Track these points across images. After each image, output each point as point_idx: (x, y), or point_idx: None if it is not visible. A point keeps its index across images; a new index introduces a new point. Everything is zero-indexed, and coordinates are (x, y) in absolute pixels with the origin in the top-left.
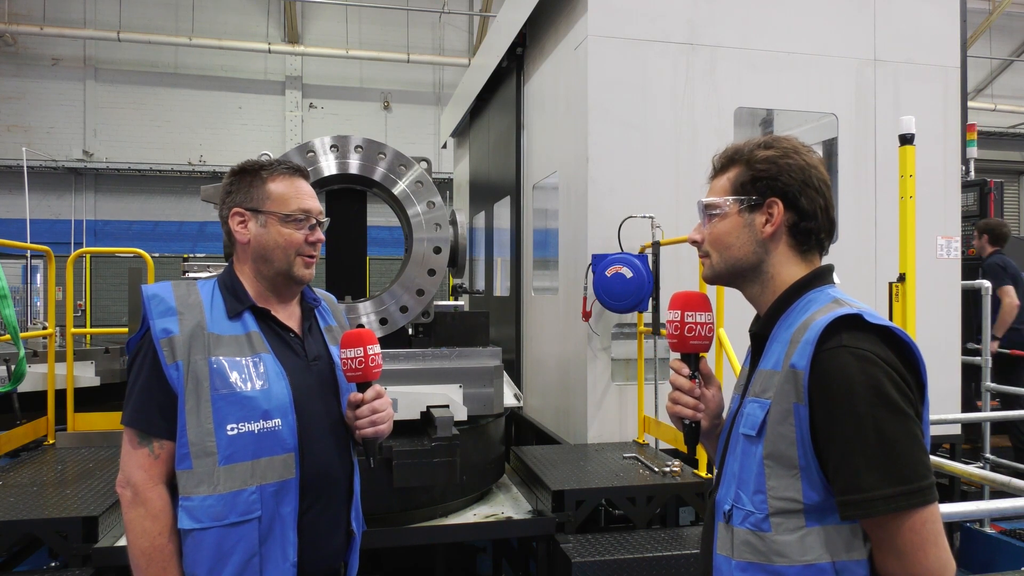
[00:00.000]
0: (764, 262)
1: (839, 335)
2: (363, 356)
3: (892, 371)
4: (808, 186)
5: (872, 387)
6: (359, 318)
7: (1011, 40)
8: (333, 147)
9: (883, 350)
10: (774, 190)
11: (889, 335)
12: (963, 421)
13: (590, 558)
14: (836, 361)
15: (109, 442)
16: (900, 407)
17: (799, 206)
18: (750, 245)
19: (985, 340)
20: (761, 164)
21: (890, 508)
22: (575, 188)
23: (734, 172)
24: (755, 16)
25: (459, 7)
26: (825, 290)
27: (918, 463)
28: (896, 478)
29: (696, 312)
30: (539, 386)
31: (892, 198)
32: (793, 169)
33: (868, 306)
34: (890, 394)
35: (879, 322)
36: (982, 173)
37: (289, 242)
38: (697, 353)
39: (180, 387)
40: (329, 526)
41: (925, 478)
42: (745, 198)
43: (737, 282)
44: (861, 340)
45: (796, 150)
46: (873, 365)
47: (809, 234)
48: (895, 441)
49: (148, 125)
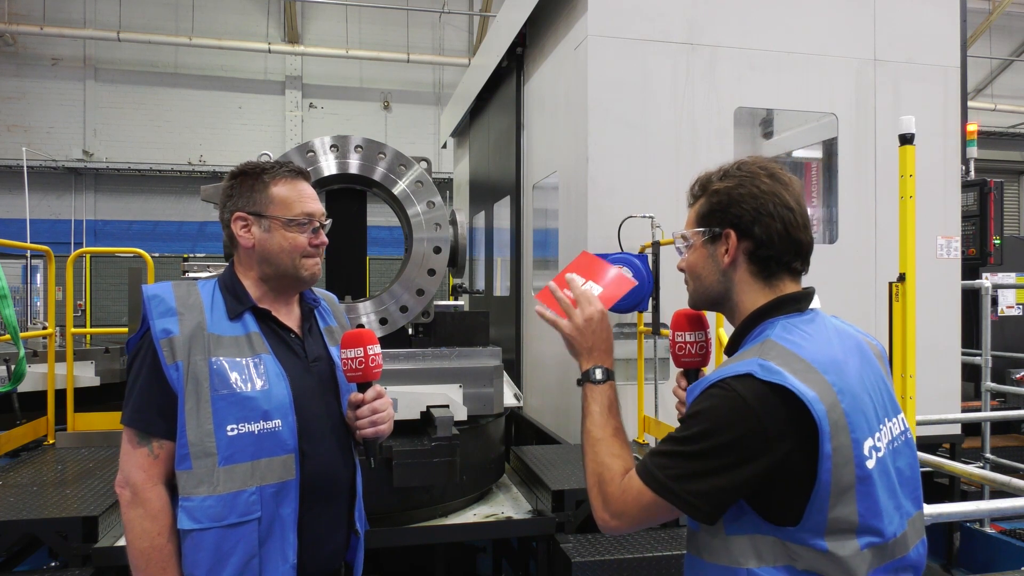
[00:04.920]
0: (730, 290)
1: (725, 379)
2: (363, 356)
3: (754, 417)
4: (762, 214)
5: (712, 418)
6: (359, 318)
7: (1011, 40)
8: (333, 147)
9: (762, 399)
10: (727, 221)
11: (781, 392)
12: (963, 421)
13: (590, 558)
14: (710, 390)
15: (109, 442)
16: (723, 447)
17: (753, 234)
18: (715, 275)
19: (985, 340)
20: (714, 197)
21: (645, 478)
22: (575, 188)
23: (700, 203)
24: (755, 16)
25: (459, 7)
26: (776, 322)
27: (686, 478)
28: (670, 475)
29: (685, 332)
30: (539, 386)
31: (892, 198)
32: (744, 199)
33: (815, 345)
34: (724, 434)
35: (770, 379)
36: (982, 173)
37: (293, 246)
38: (694, 368)
39: (180, 387)
40: (330, 527)
41: (681, 486)
42: (706, 229)
43: (714, 308)
44: (743, 385)
45: (753, 177)
46: (731, 406)
47: (769, 260)
48: (691, 459)
49: (148, 125)
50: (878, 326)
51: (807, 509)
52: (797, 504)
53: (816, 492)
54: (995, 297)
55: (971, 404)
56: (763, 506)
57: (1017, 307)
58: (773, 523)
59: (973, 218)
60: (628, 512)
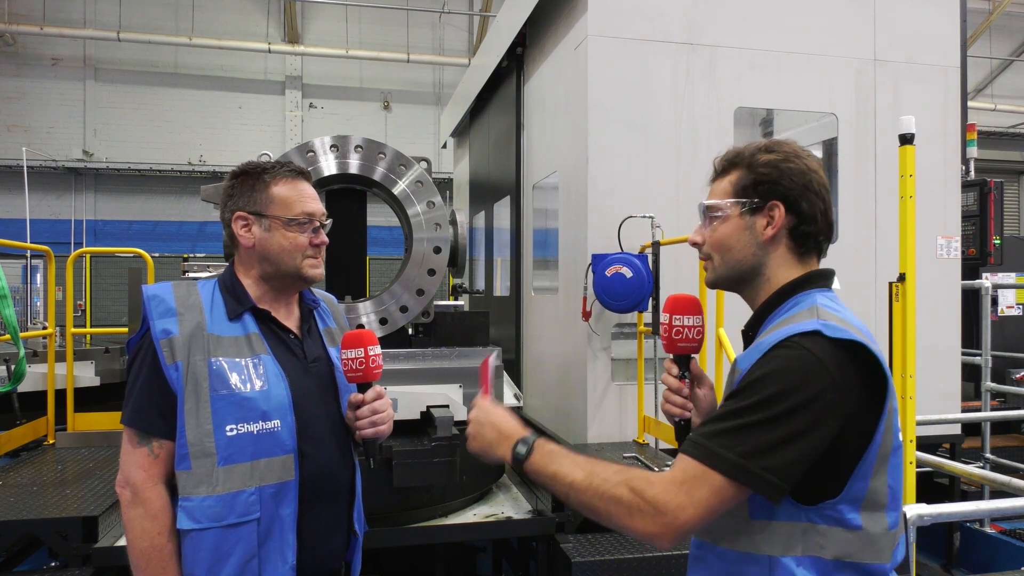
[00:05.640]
0: (763, 264)
1: (792, 337)
2: (363, 357)
3: (828, 374)
4: (809, 190)
5: (789, 377)
6: (359, 318)
7: (1011, 40)
8: (333, 147)
9: (834, 356)
10: (776, 193)
11: (852, 348)
12: (963, 421)
13: (590, 558)
14: (776, 350)
15: (109, 442)
16: (803, 407)
17: (800, 210)
18: (751, 248)
19: (985, 340)
20: (763, 168)
21: (710, 461)
22: (575, 188)
23: (735, 175)
24: (755, 16)
25: (459, 7)
26: (812, 294)
27: (763, 451)
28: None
29: (684, 315)
30: (539, 386)
31: (892, 198)
32: (795, 173)
33: (852, 316)
34: (804, 393)
35: (841, 335)
36: (982, 173)
37: (294, 245)
38: (687, 354)
39: (179, 387)
40: (329, 528)
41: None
42: (747, 201)
43: (738, 285)
44: (813, 343)
45: (797, 154)
46: (807, 364)
47: (808, 237)
48: (768, 429)
49: (148, 125)
50: (878, 326)
51: (852, 476)
52: (843, 471)
53: (866, 456)
54: (995, 297)
55: (971, 404)
56: (809, 478)
57: (1017, 307)
58: (807, 501)
59: (973, 218)
60: (693, 501)
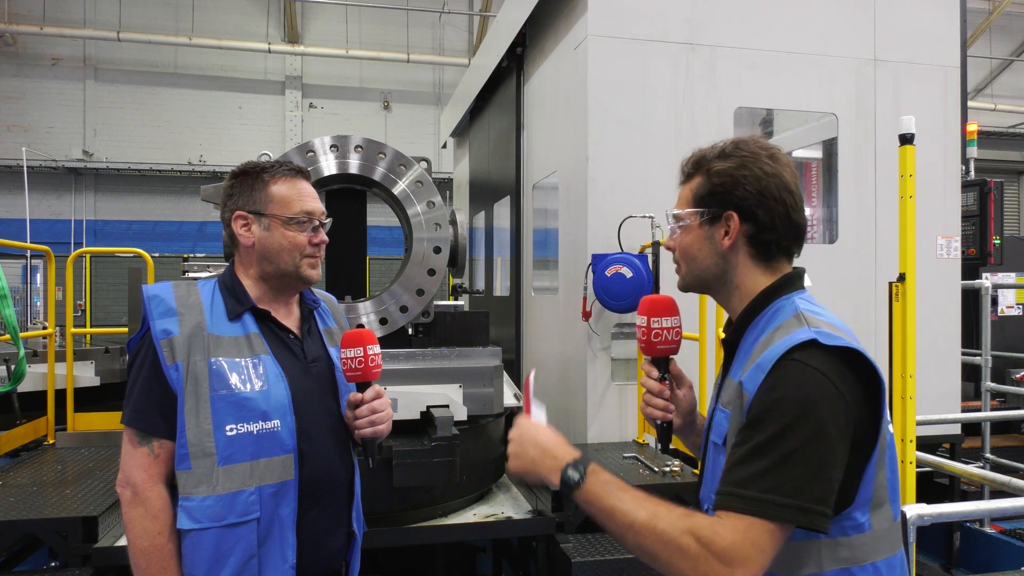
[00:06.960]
0: (727, 272)
1: (791, 351)
2: (363, 356)
3: (835, 389)
4: (766, 196)
5: (802, 402)
6: (359, 318)
7: (1011, 40)
8: (333, 147)
9: (834, 367)
10: (730, 203)
11: (847, 354)
12: (963, 421)
13: (590, 558)
14: (780, 371)
15: (109, 442)
16: (823, 430)
17: (756, 218)
18: (712, 257)
19: (985, 340)
20: (716, 177)
21: (759, 511)
22: (575, 188)
23: (696, 182)
24: (755, 16)
25: (459, 7)
26: (792, 298)
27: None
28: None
29: (662, 317)
30: (539, 386)
31: (892, 198)
32: (748, 180)
33: (831, 315)
34: (819, 415)
35: (835, 343)
36: (982, 173)
37: (293, 244)
38: (666, 356)
39: (180, 387)
40: (329, 527)
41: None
42: (704, 210)
43: (706, 291)
44: (812, 357)
45: (755, 158)
46: (814, 384)
47: (769, 244)
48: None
49: (148, 125)
50: (878, 326)
51: (863, 479)
52: (855, 478)
53: (872, 457)
54: (995, 297)
55: (971, 404)
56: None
57: (1017, 307)
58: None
59: (973, 218)
60: (758, 551)
